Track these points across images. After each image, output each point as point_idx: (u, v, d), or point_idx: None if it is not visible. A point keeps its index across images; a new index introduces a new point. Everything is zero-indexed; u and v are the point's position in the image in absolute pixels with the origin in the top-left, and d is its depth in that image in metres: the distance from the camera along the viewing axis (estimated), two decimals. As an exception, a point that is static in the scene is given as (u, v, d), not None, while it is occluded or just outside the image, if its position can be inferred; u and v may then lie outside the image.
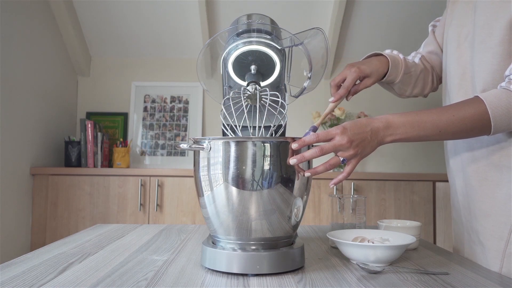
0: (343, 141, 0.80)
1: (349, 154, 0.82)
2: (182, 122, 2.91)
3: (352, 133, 0.81)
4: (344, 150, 0.82)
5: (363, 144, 0.82)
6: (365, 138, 0.82)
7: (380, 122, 0.85)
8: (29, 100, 2.41)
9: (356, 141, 0.81)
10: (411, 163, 2.95)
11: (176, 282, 0.72)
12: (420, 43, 1.34)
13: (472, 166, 0.96)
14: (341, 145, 0.81)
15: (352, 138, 0.81)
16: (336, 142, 0.81)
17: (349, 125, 0.82)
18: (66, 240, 1.08)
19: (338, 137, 0.81)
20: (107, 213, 2.42)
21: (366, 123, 0.84)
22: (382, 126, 0.84)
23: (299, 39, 0.90)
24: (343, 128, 0.81)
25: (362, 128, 0.83)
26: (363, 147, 0.82)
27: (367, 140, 0.83)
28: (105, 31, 2.83)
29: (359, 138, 0.82)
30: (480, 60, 0.93)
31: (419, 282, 0.74)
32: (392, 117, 0.86)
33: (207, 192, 0.80)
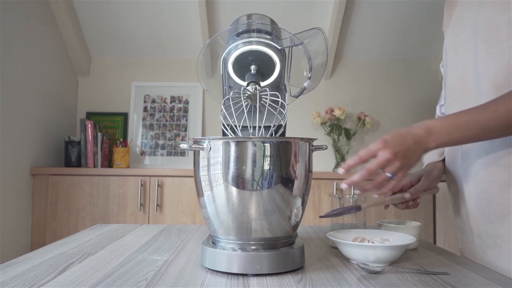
0: (387, 155, 0.77)
1: (395, 167, 0.78)
2: (182, 122, 2.91)
3: (394, 144, 0.78)
4: (390, 165, 0.78)
5: (408, 155, 0.79)
6: (408, 148, 0.79)
7: (420, 128, 0.82)
8: (29, 100, 2.41)
9: (400, 152, 0.78)
10: (411, 163, 2.94)
11: (176, 282, 0.72)
12: (420, 43, 1.34)
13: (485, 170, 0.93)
14: (387, 160, 0.78)
15: (396, 150, 0.78)
16: (381, 159, 0.77)
17: (389, 137, 0.79)
18: (66, 240, 1.08)
19: (381, 152, 0.78)
20: (107, 213, 2.42)
21: (406, 133, 0.81)
22: (423, 132, 0.81)
23: (299, 39, 0.90)
24: (383, 142, 0.78)
25: (403, 138, 0.80)
26: (409, 158, 0.79)
27: (411, 149, 0.79)
28: (105, 31, 2.83)
29: (402, 149, 0.78)
30: (486, 57, 0.91)
31: (419, 282, 0.74)
32: (432, 122, 0.83)
33: (207, 192, 0.80)
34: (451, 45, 1.02)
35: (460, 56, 0.99)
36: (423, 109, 2.98)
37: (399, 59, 3.02)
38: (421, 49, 2.95)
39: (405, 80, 3.01)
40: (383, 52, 2.99)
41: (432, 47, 2.94)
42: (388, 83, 3.01)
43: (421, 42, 2.90)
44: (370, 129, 2.95)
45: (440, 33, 2.83)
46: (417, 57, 3.00)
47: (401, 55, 3.00)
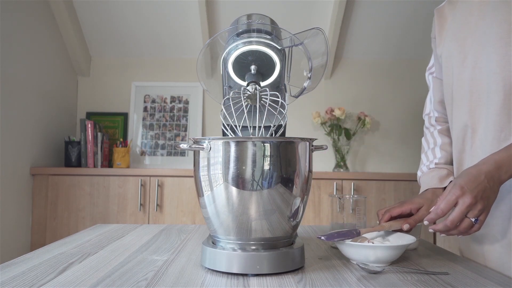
0: (468, 200, 0.77)
1: (478, 210, 0.78)
2: (182, 122, 2.91)
3: (471, 188, 0.78)
4: (472, 209, 0.78)
5: (486, 194, 0.79)
6: (485, 187, 0.79)
7: (489, 165, 0.82)
8: (29, 100, 2.41)
9: (479, 194, 0.78)
10: (411, 163, 2.95)
11: (176, 282, 0.72)
12: (420, 43, 1.35)
13: None
14: (469, 206, 0.77)
15: (474, 194, 0.77)
16: (462, 207, 0.77)
17: (464, 182, 0.79)
18: (66, 240, 1.08)
19: (461, 200, 0.77)
20: (107, 213, 2.42)
21: (477, 173, 0.81)
22: (493, 168, 0.82)
23: (299, 39, 0.90)
24: (460, 188, 0.78)
25: (477, 179, 0.80)
26: (487, 197, 0.79)
27: (488, 188, 0.79)
28: (105, 31, 2.83)
29: (480, 190, 0.78)
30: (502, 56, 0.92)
31: (419, 282, 0.74)
32: (498, 156, 0.84)
33: (207, 192, 0.80)
34: (457, 49, 1.03)
35: (469, 59, 1.00)
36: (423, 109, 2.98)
37: (399, 59, 3.02)
38: (421, 49, 2.95)
39: (405, 80, 3.01)
40: (383, 52, 2.99)
41: (431, 47, 2.94)
42: (388, 83, 3.01)
43: (421, 42, 2.90)
44: (370, 129, 2.95)
45: (440, 33, 2.82)
46: (417, 57, 3.00)
47: (401, 55, 3.00)
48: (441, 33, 1.12)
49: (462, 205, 0.77)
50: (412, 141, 2.97)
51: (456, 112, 1.06)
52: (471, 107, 0.99)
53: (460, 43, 1.03)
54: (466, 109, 1.01)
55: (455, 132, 1.07)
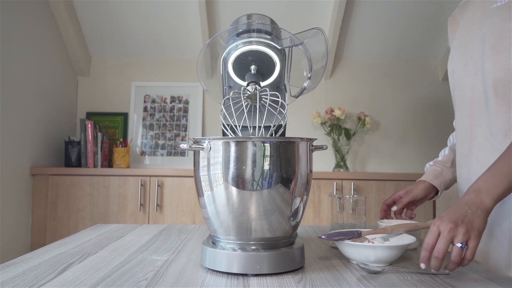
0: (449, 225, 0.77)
1: (462, 234, 0.78)
2: (182, 122, 2.91)
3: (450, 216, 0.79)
4: (456, 234, 0.78)
5: (468, 219, 0.79)
6: (465, 212, 0.80)
7: (468, 194, 0.84)
8: (29, 100, 2.41)
9: (459, 218, 0.79)
10: (411, 163, 2.95)
11: (176, 282, 0.72)
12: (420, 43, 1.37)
13: None
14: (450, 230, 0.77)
15: (454, 219, 0.78)
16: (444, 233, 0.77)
17: (444, 213, 0.81)
18: (66, 240, 1.08)
19: (441, 227, 0.78)
20: (107, 213, 2.42)
21: (456, 204, 0.83)
22: (473, 196, 0.83)
23: (299, 39, 0.90)
24: (440, 218, 0.80)
25: (457, 207, 0.81)
26: (470, 221, 0.79)
27: (469, 212, 0.80)
28: (105, 31, 2.83)
29: (460, 216, 0.79)
30: (493, 64, 0.95)
31: (419, 282, 0.74)
32: (475, 184, 0.85)
33: (207, 192, 0.80)
34: (461, 56, 1.06)
35: (470, 65, 1.03)
36: (423, 109, 2.98)
37: (399, 59, 3.02)
38: (421, 49, 2.95)
39: (405, 80, 3.01)
40: (383, 52, 2.99)
41: (432, 47, 2.94)
42: (388, 83, 3.01)
43: (421, 42, 2.90)
44: (370, 129, 2.95)
45: (440, 33, 2.83)
46: (417, 57, 3.00)
47: (401, 55, 3.00)
48: (452, 40, 1.14)
49: (443, 231, 0.78)
50: (412, 141, 2.97)
51: (458, 115, 1.08)
52: (471, 112, 1.02)
53: (463, 50, 1.06)
54: (467, 114, 1.04)
55: (457, 135, 1.11)
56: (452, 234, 0.77)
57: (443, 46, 2.91)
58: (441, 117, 2.94)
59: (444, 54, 2.92)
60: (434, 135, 2.95)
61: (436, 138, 2.94)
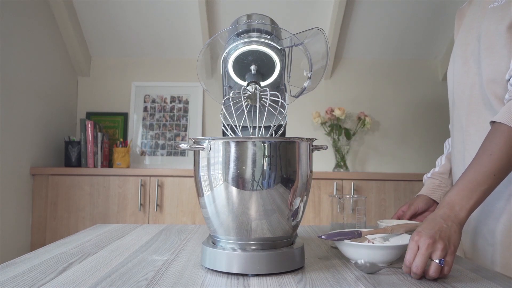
0: (427, 241, 0.78)
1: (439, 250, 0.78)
2: (182, 122, 2.91)
3: (427, 230, 0.80)
4: (434, 250, 0.78)
5: (445, 233, 0.80)
6: (441, 226, 0.81)
7: (442, 208, 0.85)
8: (29, 100, 2.41)
9: (436, 233, 0.79)
10: (411, 163, 2.95)
11: (176, 282, 0.72)
12: (420, 43, 1.36)
13: None
14: (428, 246, 0.78)
15: (431, 233, 0.79)
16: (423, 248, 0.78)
17: (421, 228, 0.82)
18: (66, 240, 1.08)
19: (420, 242, 0.79)
20: (107, 213, 2.42)
21: (432, 217, 0.83)
22: (447, 209, 0.84)
23: (299, 39, 0.90)
24: (417, 233, 0.80)
25: (432, 222, 0.82)
26: (447, 235, 0.80)
27: (445, 227, 0.81)
28: (105, 31, 2.83)
29: (437, 230, 0.80)
30: (487, 65, 0.96)
31: (419, 282, 0.74)
32: (449, 197, 0.86)
33: (207, 192, 0.80)
34: (461, 53, 1.06)
35: (469, 64, 1.03)
36: (423, 109, 2.98)
37: (399, 59, 3.02)
38: (421, 49, 2.95)
39: (405, 80, 3.01)
40: (383, 52, 2.99)
41: (432, 47, 2.94)
42: (388, 83, 3.01)
43: (421, 42, 2.90)
44: (370, 129, 2.95)
45: (440, 33, 2.83)
46: (417, 57, 3.00)
47: (401, 55, 3.00)
48: (456, 35, 1.14)
49: (422, 247, 0.78)
50: (412, 141, 2.97)
51: (456, 113, 1.08)
52: (469, 111, 1.02)
53: (463, 48, 1.06)
54: (464, 112, 1.04)
55: (454, 133, 1.10)
56: (431, 250, 0.78)
57: (443, 46, 2.91)
58: (441, 117, 2.94)
59: (444, 54, 2.92)
60: (434, 135, 2.95)
61: (436, 138, 2.94)
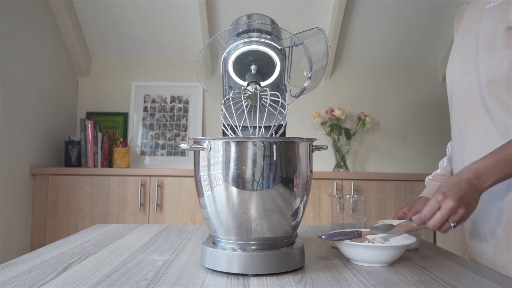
0: (452, 203, 0.78)
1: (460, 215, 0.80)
2: (182, 122, 2.91)
3: (453, 192, 0.80)
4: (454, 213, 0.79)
5: (467, 200, 0.81)
6: (466, 193, 0.81)
7: (469, 173, 0.84)
8: (29, 100, 2.41)
9: (461, 198, 0.80)
10: (411, 163, 2.95)
11: (176, 282, 0.72)
12: (420, 43, 1.36)
13: None
14: (451, 210, 0.79)
15: (457, 197, 0.79)
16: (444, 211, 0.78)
17: (446, 188, 0.81)
18: (66, 240, 1.08)
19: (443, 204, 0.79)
20: (107, 213, 2.42)
21: (458, 180, 0.83)
22: (473, 176, 0.84)
23: (299, 39, 0.90)
24: (442, 193, 0.80)
25: (458, 185, 0.82)
26: (469, 203, 0.81)
27: (469, 194, 0.81)
28: (105, 31, 2.83)
29: (463, 195, 0.80)
30: (486, 66, 0.95)
31: (419, 282, 0.74)
32: (478, 165, 0.86)
33: (207, 192, 0.80)
34: (459, 55, 1.06)
35: (467, 66, 1.02)
36: (423, 109, 2.98)
37: (399, 59, 3.02)
38: (421, 49, 2.95)
39: (406, 80, 3.01)
40: (383, 52, 2.99)
41: (432, 47, 2.94)
42: (388, 83, 3.01)
43: (421, 42, 2.90)
44: (370, 129, 2.95)
45: (440, 33, 2.83)
46: (417, 57, 3.00)
47: (401, 55, 3.00)
48: (455, 37, 1.14)
49: (444, 209, 0.79)
50: (412, 141, 2.97)
51: (454, 114, 1.08)
52: (466, 112, 1.01)
53: (461, 50, 1.05)
54: (462, 113, 1.04)
55: (452, 134, 1.10)
56: (451, 213, 0.78)
57: (443, 46, 2.91)
58: (441, 117, 2.94)
59: (444, 54, 2.92)
60: (434, 135, 2.95)
61: (436, 138, 2.94)
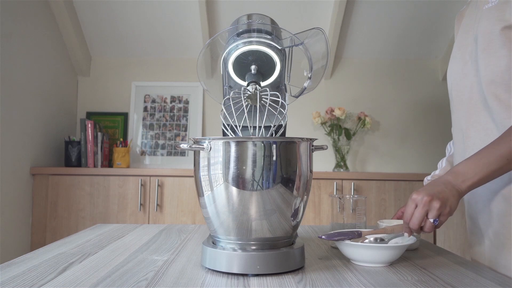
0: (424, 198, 0.81)
1: (436, 209, 0.82)
2: (182, 122, 2.91)
3: (427, 189, 0.83)
4: (431, 209, 0.82)
5: (443, 196, 0.83)
6: (441, 189, 0.83)
7: (447, 174, 0.87)
8: (29, 100, 2.41)
9: (435, 194, 0.82)
10: (411, 163, 2.95)
11: (176, 282, 0.72)
12: (420, 43, 1.36)
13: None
14: (425, 203, 0.81)
15: (430, 193, 0.82)
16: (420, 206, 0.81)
17: (422, 188, 0.85)
18: (66, 240, 1.08)
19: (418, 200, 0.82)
20: (107, 213, 2.42)
21: (435, 180, 0.86)
22: (451, 177, 0.86)
23: (299, 39, 0.90)
24: (416, 192, 0.84)
25: (434, 184, 0.85)
26: (445, 199, 0.83)
27: (445, 191, 0.83)
28: (105, 31, 2.83)
29: (436, 191, 0.83)
30: (485, 66, 0.96)
31: (419, 282, 0.74)
32: (457, 166, 0.88)
33: (207, 192, 0.80)
34: (460, 55, 1.06)
35: (468, 66, 1.03)
36: (423, 109, 2.98)
37: (399, 59, 3.02)
38: (421, 49, 2.95)
39: (406, 80, 3.01)
40: (383, 52, 2.99)
41: (432, 47, 2.94)
42: (389, 83, 3.01)
43: (421, 42, 2.90)
44: (370, 129, 2.95)
45: (440, 33, 2.83)
46: (417, 57, 3.00)
47: (402, 55, 3.00)
48: (456, 38, 1.14)
49: (419, 204, 0.82)
50: (412, 141, 2.97)
51: (455, 115, 1.08)
52: (468, 113, 1.01)
53: (462, 50, 1.05)
54: (464, 114, 1.04)
55: (454, 135, 1.10)
56: (427, 208, 0.81)
57: (443, 46, 2.91)
58: (441, 117, 2.94)
59: (444, 54, 2.92)
60: (434, 135, 2.95)
61: (436, 137, 2.94)
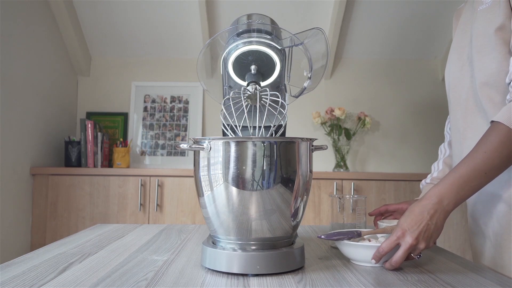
0: (410, 241, 0.80)
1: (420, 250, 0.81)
2: (182, 122, 2.91)
3: (412, 230, 0.81)
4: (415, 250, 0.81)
5: (429, 231, 0.81)
6: (427, 224, 0.81)
7: (431, 199, 0.84)
8: (29, 100, 2.41)
9: (420, 233, 0.80)
10: (411, 163, 2.95)
11: (176, 282, 0.72)
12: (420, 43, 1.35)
13: None
14: (410, 247, 0.80)
15: (416, 234, 0.80)
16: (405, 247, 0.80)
17: (406, 224, 0.81)
18: (66, 240, 1.08)
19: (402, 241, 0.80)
20: (107, 213, 2.42)
21: (419, 211, 0.83)
22: (436, 202, 0.84)
23: (299, 39, 0.90)
24: (401, 231, 0.81)
25: (419, 218, 0.82)
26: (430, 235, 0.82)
27: (430, 226, 0.82)
28: (105, 31, 2.83)
29: (422, 230, 0.81)
30: (479, 68, 0.96)
31: (419, 282, 0.74)
32: (439, 189, 0.85)
33: (207, 192, 0.80)
34: (456, 57, 1.06)
35: (464, 68, 1.02)
36: (423, 109, 2.98)
37: (399, 59, 3.02)
38: (421, 49, 2.95)
39: (405, 80, 3.01)
40: (383, 52, 2.98)
41: (432, 47, 2.94)
42: (388, 83, 3.01)
43: (421, 42, 2.90)
44: (370, 129, 2.95)
45: (440, 33, 2.83)
46: (417, 57, 3.00)
47: (401, 55, 3.00)
48: (454, 37, 1.13)
49: (404, 246, 0.80)
50: (412, 141, 2.97)
51: (453, 117, 1.08)
52: (465, 114, 1.01)
53: (459, 51, 1.05)
54: (461, 115, 1.04)
55: (452, 136, 1.11)
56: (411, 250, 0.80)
57: (443, 46, 2.91)
58: (441, 117, 2.93)
59: (444, 54, 2.91)
60: (434, 135, 2.95)
61: (436, 137, 2.93)
